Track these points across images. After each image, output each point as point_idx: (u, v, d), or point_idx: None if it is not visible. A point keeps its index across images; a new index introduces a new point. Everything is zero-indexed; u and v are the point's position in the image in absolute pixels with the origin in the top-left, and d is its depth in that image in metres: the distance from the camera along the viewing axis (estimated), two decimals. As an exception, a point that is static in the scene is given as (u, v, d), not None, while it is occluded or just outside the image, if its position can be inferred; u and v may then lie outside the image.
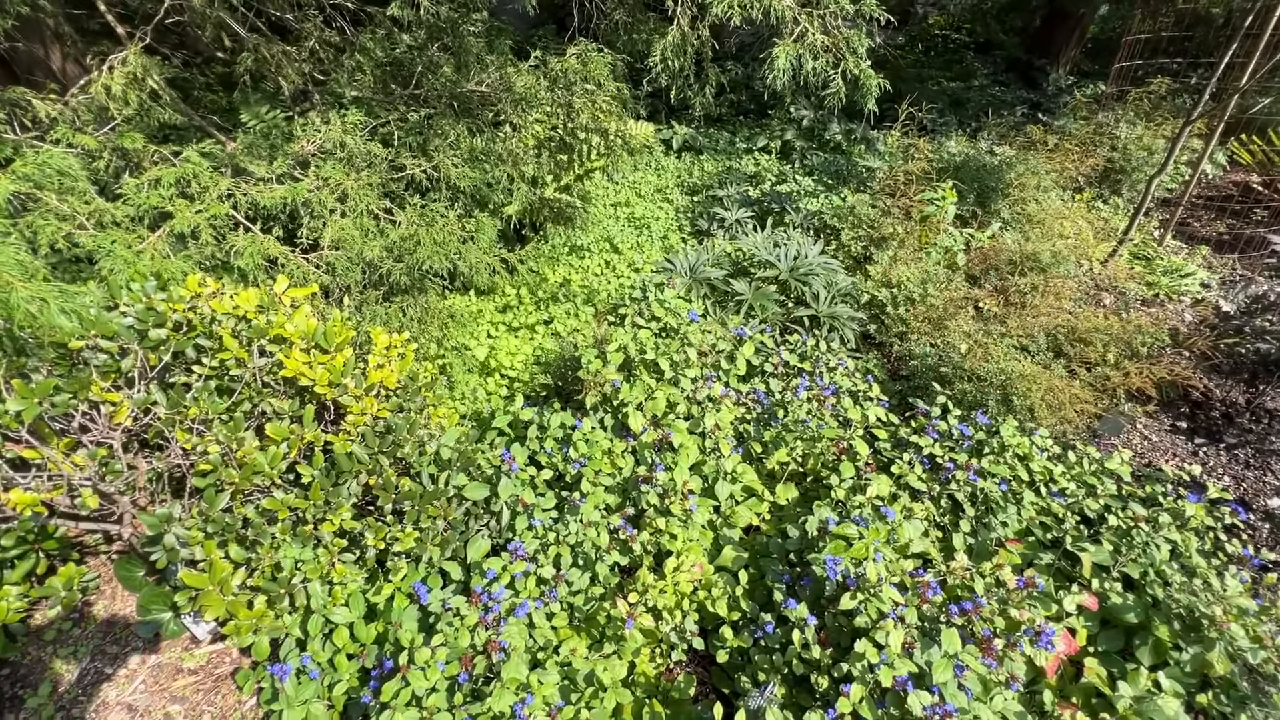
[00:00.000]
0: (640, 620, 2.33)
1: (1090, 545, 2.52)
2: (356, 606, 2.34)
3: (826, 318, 3.96)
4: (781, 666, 2.13)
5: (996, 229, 4.81)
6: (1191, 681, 2.26)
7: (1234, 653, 2.19)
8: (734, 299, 4.00)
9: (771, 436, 3.13)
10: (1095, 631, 2.44)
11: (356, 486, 2.21)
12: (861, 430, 3.04)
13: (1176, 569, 2.39)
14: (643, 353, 3.09)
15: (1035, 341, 3.59)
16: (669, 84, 4.18)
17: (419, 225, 3.02)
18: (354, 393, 2.37)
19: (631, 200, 6.19)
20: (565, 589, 2.51)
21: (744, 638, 2.32)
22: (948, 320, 3.88)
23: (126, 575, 2.58)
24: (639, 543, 2.58)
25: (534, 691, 2.21)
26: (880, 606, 2.08)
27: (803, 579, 2.42)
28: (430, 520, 2.35)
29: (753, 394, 3.40)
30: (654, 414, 3.08)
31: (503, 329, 4.26)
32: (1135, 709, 2.16)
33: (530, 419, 3.00)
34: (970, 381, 3.32)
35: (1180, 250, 5.51)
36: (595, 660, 2.39)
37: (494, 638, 2.23)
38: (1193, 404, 3.76)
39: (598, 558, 2.55)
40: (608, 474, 2.90)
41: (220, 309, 2.35)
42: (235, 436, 2.08)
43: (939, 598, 2.25)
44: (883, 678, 1.83)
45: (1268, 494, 3.21)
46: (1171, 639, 2.29)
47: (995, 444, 2.91)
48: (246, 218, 3.14)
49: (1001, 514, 2.74)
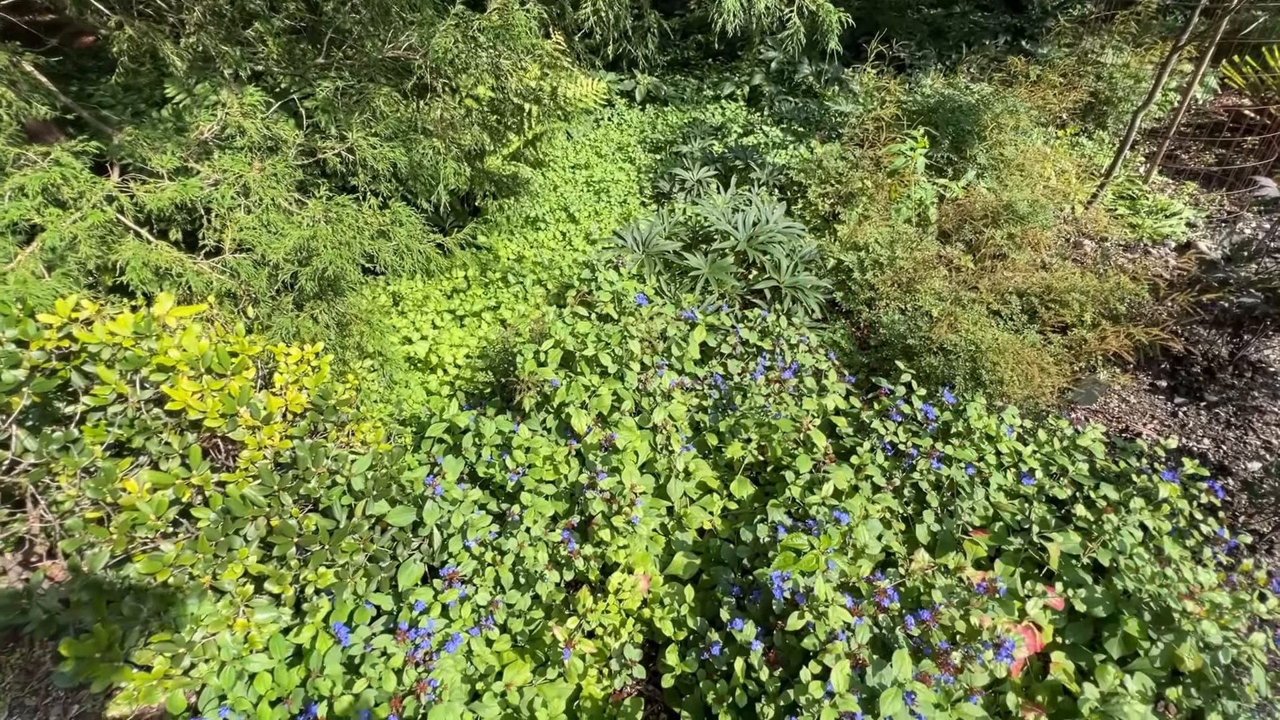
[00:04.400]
0: (581, 645, 2.19)
1: (1058, 535, 2.37)
2: (278, 650, 2.19)
3: (789, 288, 3.71)
4: (727, 695, 2.00)
5: (972, 177, 4.50)
6: (1161, 674, 2.16)
7: (1205, 646, 2.07)
8: (689, 274, 3.74)
9: (728, 425, 2.94)
10: (1062, 624, 2.33)
11: (255, 531, 2.02)
12: (820, 420, 2.85)
13: (1148, 557, 2.25)
14: (583, 348, 2.86)
15: (1008, 305, 3.37)
16: (604, 36, 3.78)
17: (319, 223, 2.71)
18: (249, 423, 2.15)
19: (591, 161, 5.81)
20: (504, 612, 2.37)
21: (689, 662, 2.19)
22: (918, 283, 3.64)
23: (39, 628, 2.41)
24: (582, 557, 2.42)
25: (469, 731, 2.09)
26: (830, 626, 1.94)
27: (753, 592, 2.27)
28: (347, 555, 2.17)
29: (709, 378, 3.20)
30: (599, 412, 2.87)
31: (449, 318, 4.00)
32: (1101, 711, 2.05)
33: (466, 425, 2.79)
34: (938, 355, 3.11)
35: (1167, 187, 5.22)
36: (539, 685, 2.27)
37: (423, 676, 2.09)
38: (1173, 360, 3.58)
39: (539, 576, 2.40)
40: (549, 480, 2.72)
41: (90, 340, 2.10)
42: (108, 488, 1.87)
43: (895, 605, 2.11)
44: (825, 716, 1.70)
45: (1248, 456, 3.07)
46: (1141, 631, 2.17)
47: (961, 425, 2.73)
48: (137, 222, 2.83)
49: (967, 500, 2.59)
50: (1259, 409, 3.27)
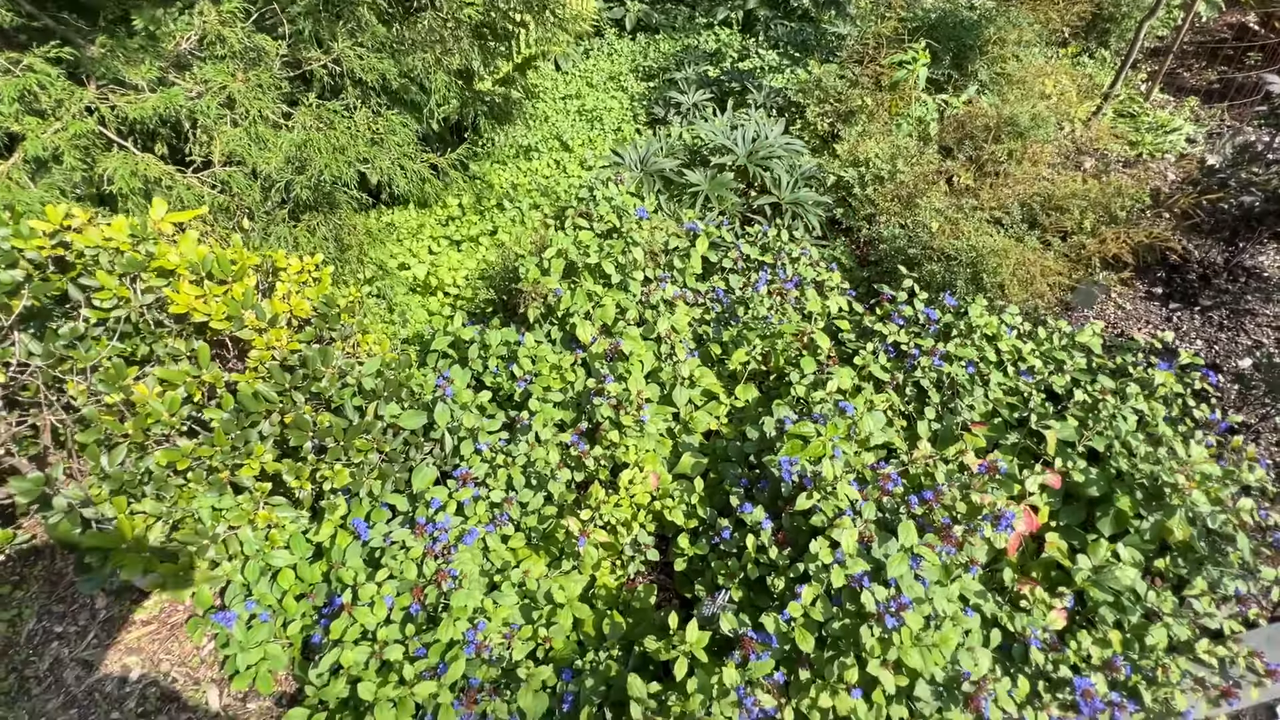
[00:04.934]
0: (595, 536, 2.26)
1: (1056, 422, 2.44)
2: (299, 548, 2.24)
3: (789, 204, 3.68)
4: (738, 571, 2.08)
5: (973, 92, 4.42)
6: (1150, 548, 2.26)
7: (1194, 517, 2.16)
8: (689, 191, 3.69)
9: (731, 336, 2.96)
10: (1057, 507, 2.42)
11: (270, 427, 2.03)
12: (824, 322, 2.87)
13: (1142, 439, 2.32)
14: (585, 257, 2.84)
15: (1009, 213, 3.36)
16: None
17: (311, 130, 2.63)
18: (256, 326, 2.13)
19: (583, 91, 5.64)
20: (518, 510, 2.42)
21: (701, 545, 2.26)
22: (918, 198, 3.61)
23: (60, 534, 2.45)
24: (592, 457, 2.47)
25: (490, 615, 2.17)
26: (837, 504, 2.00)
27: (761, 482, 2.33)
28: (361, 455, 2.20)
29: (711, 293, 3.20)
30: (603, 323, 2.88)
31: (445, 243, 3.95)
32: (1093, 580, 2.15)
33: (471, 338, 2.79)
34: (939, 262, 3.12)
35: (1168, 104, 5.15)
36: (554, 578, 2.34)
37: (443, 567, 2.16)
38: (1169, 268, 3.61)
39: (551, 476, 2.45)
40: (558, 389, 2.74)
41: (86, 242, 2.05)
42: (118, 384, 1.86)
43: (899, 489, 2.18)
44: (834, 578, 1.77)
45: (1239, 355, 3.14)
46: (1133, 509, 2.26)
47: (962, 326, 2.76)
48: (119, 135, 2.74)
49: (968, 398, 2.64)
50: (1251, 312, 3.33)
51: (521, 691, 1.93)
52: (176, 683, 2.32)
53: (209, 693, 2.30)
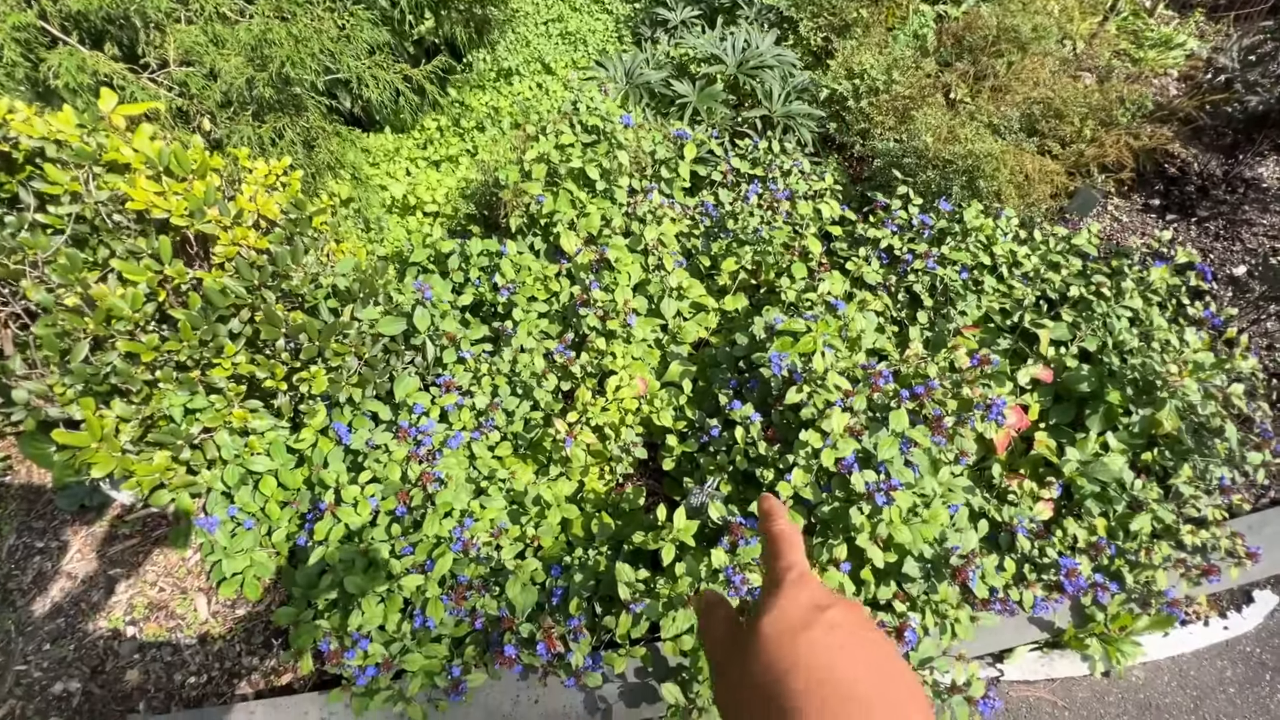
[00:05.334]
0: (582, 437, 2.22)
1: (1049, 322, 2.40)
2: (280, 455, 2.19)
3: (781, 118, 3.53)
4: (726, 465, 2.06)
5: (972, 3, 4.22)
6: (1139, 442, 2.26)
7: (1183, 408, 2.16)
8: (677, 103, 3.53)
9: (719, 248, 2.88)
10: (1048, 406, 2.41)
11: (240, 324, 1.95)
12: (815, 228, 2.79)
13: (1135, 334, 2.29)
14: (567, 160, 2.72)
15: (1008, 121, 3.24)
16: None
17: (272, 21, 2.46)
18: (221, 221, 2.02)
19: (565, 14, 5.35)
20: (503, 418, 2.38)
21: (690, 444, 2.24)
22: (914, 110, 3.48)
23: (34, 451, 2.39)
24: (578, 365, 2.42)
25: (477, 516, 2.15)
26: (827, 397, 1.97)
27: (750, 382, 2.30)
28: (340, 359, 2.13)
29: (700, 207, 3.10)
30: (589, 232, 2.78)
31: (423, 164, 3.79)
32: (1081, 471, 2.16)
33: (452, 249, 2.69)
34: (935, 169, 3.02)
35: (1172, 20, 4.97)
36: (542, 484, 2.32)
37: (428, 470, 2.12)
38: (1167, 180, 3.53)
39: (536, 384, 2.40)
40: (543, 300, 2.67)
41: (29, 131, 1.92)
42: (73, 276, 1.77)
43: (890, 386, 2.14)
44: (825, 459, 1.75)
45: (1234, 263, 3.10)
46: (1123, 403, 2.25)
47: (958, 229, 2.69)
48: (63, 30, 2.55)
49: (961, 303, 2.60)
50: (1248, 222, 3.27)
51: (510, 583, 1.92)
52: (164, 592, 2.31)
53: (197, 601, 2.29)
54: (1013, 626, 2.14)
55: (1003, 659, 2.17)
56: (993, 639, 2.14)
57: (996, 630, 2.10)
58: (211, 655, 2.20)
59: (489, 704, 2.01)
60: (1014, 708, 2.09)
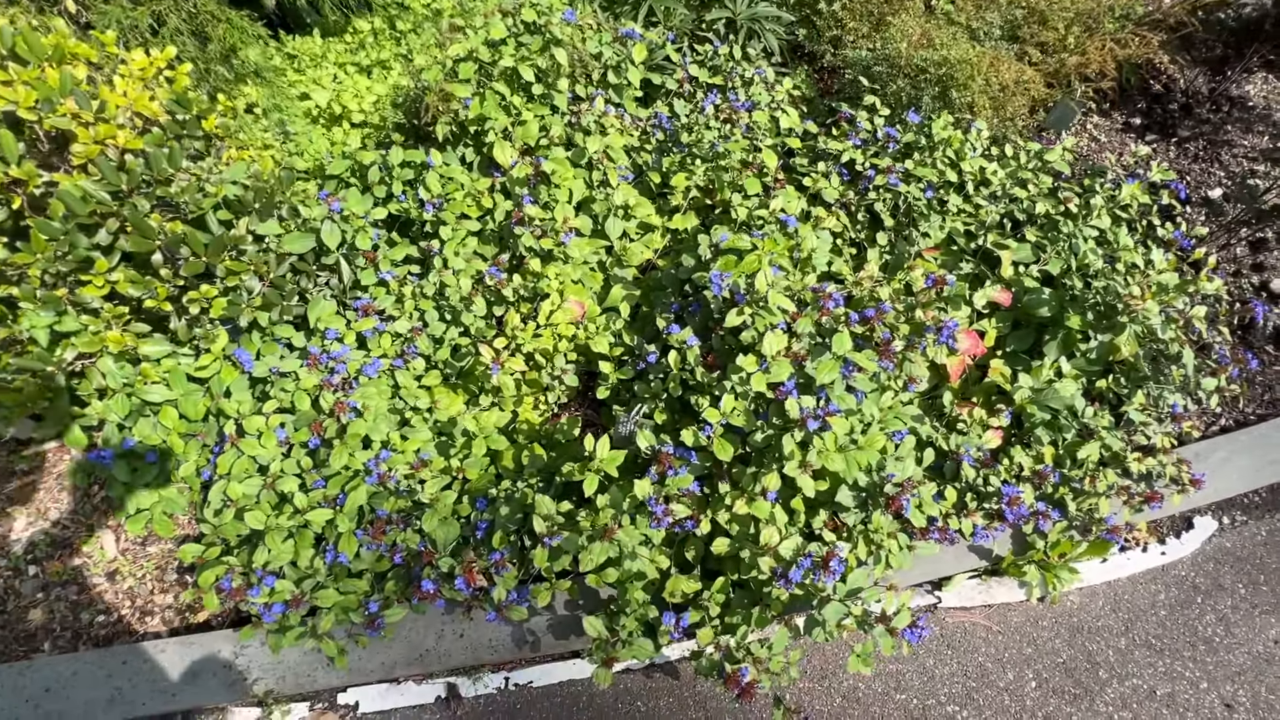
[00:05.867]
0: (511, 365, 2.07)
1: (1012, 242, 2.26)
2: (179, 384, 2.01)
3: (745, 21, 3.21)
4: (661, 392, 1.93)
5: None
6: (1095, 368, 2.17)
7: (1143, 334, 2.06)
8: (629, 2, 3.19)
9: (671, 164, 2.65)
10: (1005, 332, 2.30)
11: (108, 235, 1.72)
12: (773, 140, 2.57)
13: (1100, 256, 2.17)
14: (498, 58, 2.43)
15: (988, 25, 2.98)
16: None
17: None
18: (81, 116, 1.75)
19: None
20: (429, 344, 2.21)
21: (626, 371, 2.10)
22: (890, 16, 3.19)
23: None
24: (510, 288, 2.23)
25: (397, 448, 2.01)
26: (770, 319, 1.82)
27: (693, 306, 2.14)
28: (237, 278, 1.92)
29: (654, 119, 2.84)
30: (525, 143, 2.53)
31: (353, 70, 3.42)
32: (1033, 398, 2.07)
33: (373, 160, 2.43)
34: (906, 77, 2.78)
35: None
36: (472, 414, 2.18)
37: (342, 399, 1.96)
38: (1151, 97, 3.33)
39: (464, 307, 2.22)
40: (475, 217, 2.45)
41: None
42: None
43: (841, 310, 2.00)
44: (756, 384, 1.62)
45: (1210, 185, 2.96)
46: (1083, 328, 2.15)
47: (925, 144, 2.49)
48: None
49: (924, 223, 2.44)
50: (1229, 143, 3.11)
51: (427, 516, 1.81)
52: (68, 530, 2.17)
53: (104, 538, 2.16)
54: (953, 555, 2.11)
55: (941, 586, 2.16)
56: (931, 567, 2.12)
57: (936, 559, 2.07)
58: (121, 593, 2.08)
59: (412, 639, 1.94)
60: (948, 633, 2.09)
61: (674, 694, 1.97)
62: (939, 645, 2.08)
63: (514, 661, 1.99)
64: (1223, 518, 2.33)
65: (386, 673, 1.92)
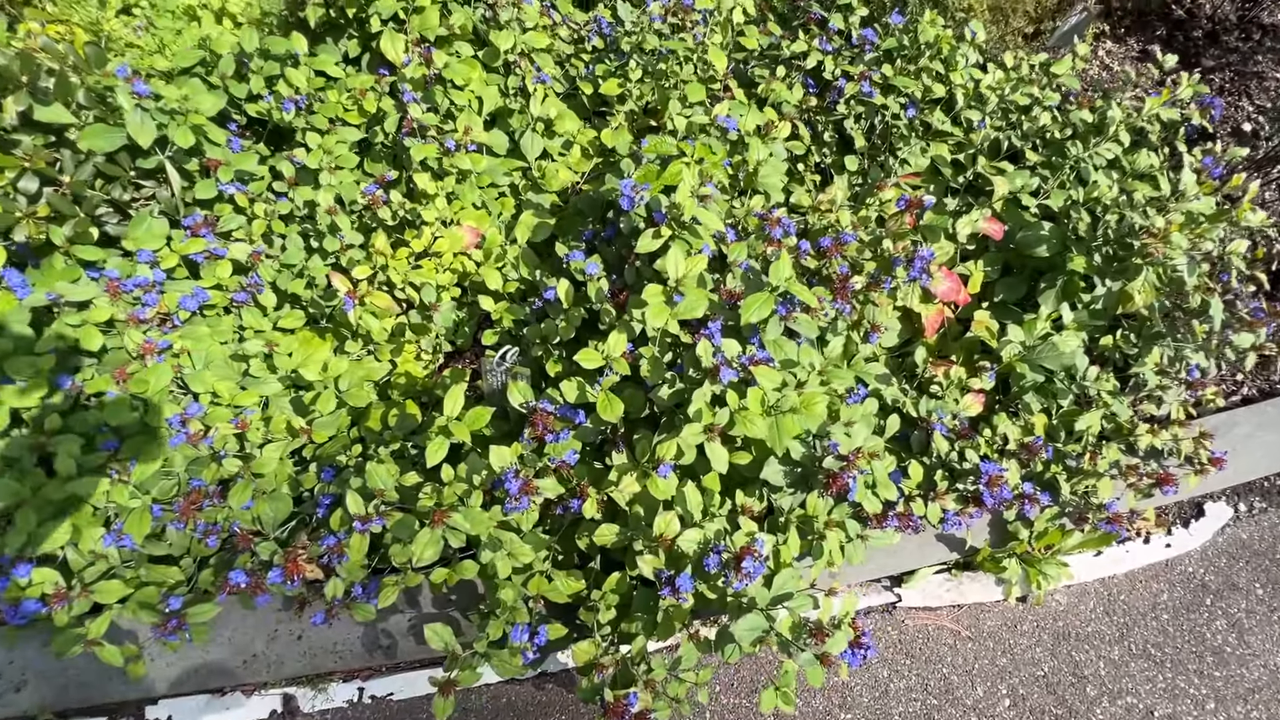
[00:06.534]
0: (374, 300, 1.64)
1: (1008, 165, 1.85)
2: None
3: (708, -85, 2.72)
4: (553, 334, 1.51)
5: None
6: (1099, 323, 1.78)
7: (1163, 279, 1.67)
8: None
9: (605, 70, 2.20)
10: (994, 278, 1.90)
11: None
12: (722, 38, 2.11)
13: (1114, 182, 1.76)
14: (380, -77, 1.95)
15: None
16: None
17: None
18: None
19: None
20: (279, 273, 1.78)
21: (519, 311, 1.68)
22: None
23: None
24: (388, 208, 1.80)
25: (224, 401, 1.59)
26: (694, 242, 1.40)
27: (607, 230, 1.72)
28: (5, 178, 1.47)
29: (594, 23, 2.37)
30: (420, 34, 2.06)
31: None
32: (1024, 356, 1.68)
33: (230, 49, 1.96)
34: (890, -23, 2.32)
35: None
36: (338, 362, 1.76)
37: (152, 339, 1.54)
38: (1172, 23, 2.90)
39: (328, 229, 1.78)
40: (356, 124, 1.99)
41: None
42: None
43: (791, 240, 1.59)
44: (653, 317, 1.21)
45: (1239, 119, 2.56)
46: (1088, 272, 1.75)
47: (909, 44, 2.05)
48: None
49: (904, 148, 2.01)
50: (1259, 75, 2.70)
51: (237, 488, 1.40)
52: None
53: None
54: (916, 545, 1.74)
55: (902, 582, 1.80)
56: (890, 560, 1.75)
57: (895, 550, 1.70)
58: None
59: (238, 641, 1.55)
60: (908, 638, 1.73)
61: (568, 710, 1.61)
62: (896, 653, 1.72)
63: (370, 670, 1.61)
64: (1239, 504, 1.97)
65: (203, 682, 1.54)
